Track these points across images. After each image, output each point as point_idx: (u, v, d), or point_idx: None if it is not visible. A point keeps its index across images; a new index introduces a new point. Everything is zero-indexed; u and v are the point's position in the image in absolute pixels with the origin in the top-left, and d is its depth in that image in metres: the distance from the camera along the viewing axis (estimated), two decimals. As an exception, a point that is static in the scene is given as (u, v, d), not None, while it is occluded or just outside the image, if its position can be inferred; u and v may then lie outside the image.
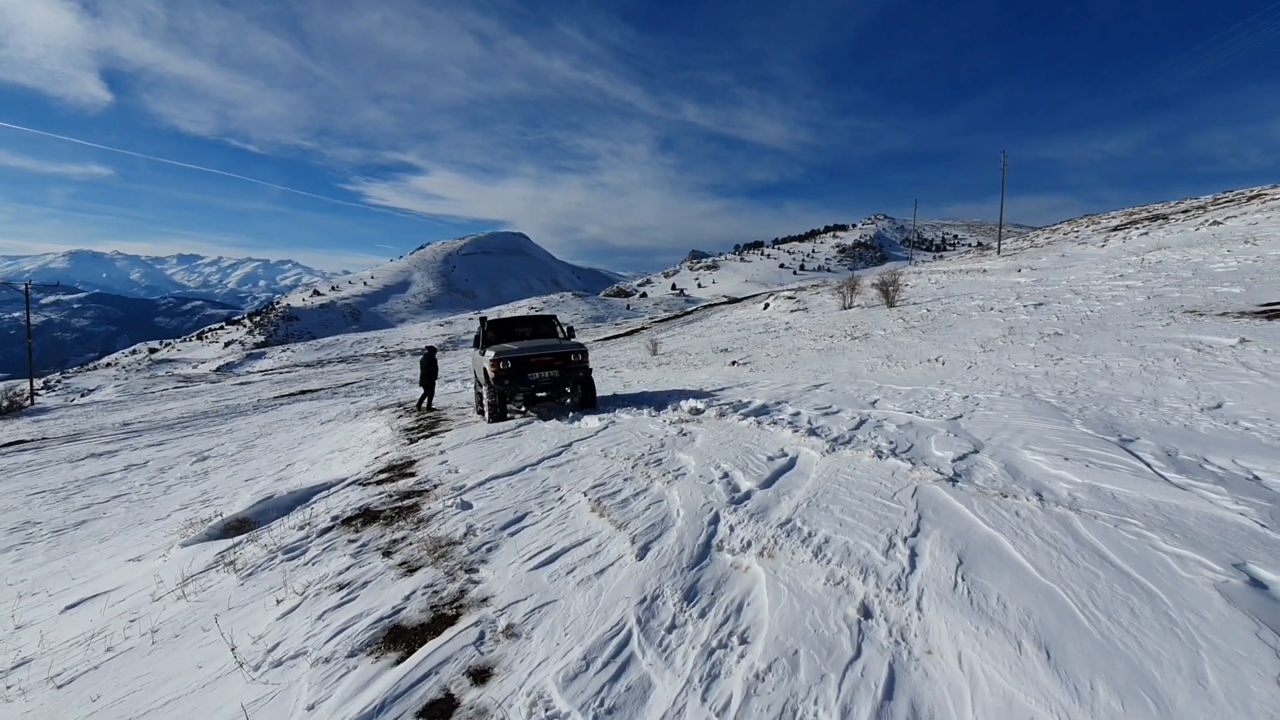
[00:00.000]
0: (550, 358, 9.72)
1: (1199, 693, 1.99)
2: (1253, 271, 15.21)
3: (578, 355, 9.96)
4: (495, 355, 9.43)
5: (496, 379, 9.37)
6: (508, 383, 9.38)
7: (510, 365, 9.43)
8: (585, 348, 10.21)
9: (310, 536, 5.62)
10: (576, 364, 10.00)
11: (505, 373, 9.44)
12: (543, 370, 9.63)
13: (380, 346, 66.54)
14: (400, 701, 2.76)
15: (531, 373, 9.52)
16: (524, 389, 9.57)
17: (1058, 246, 37.26)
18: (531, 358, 9.58)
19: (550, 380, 9.68)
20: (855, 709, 2.23)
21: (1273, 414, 5.34)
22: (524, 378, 9.47)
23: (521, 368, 9.51)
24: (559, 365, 9.78)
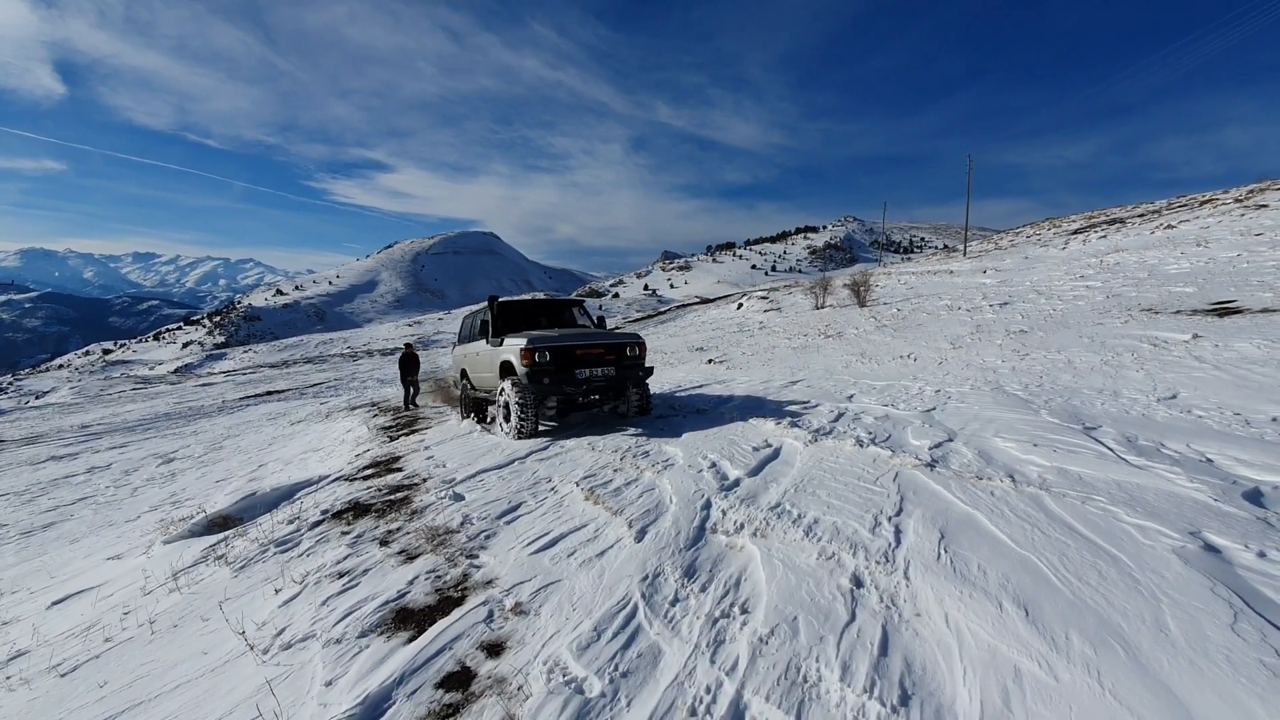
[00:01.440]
0: (602, 349, 7.51)
1: (1162, 639, 2.21)
2: (1204, 272, 15.98)
3: (635, 349, 7.83)
4: (529, 344, 7.09)
5: (532, 377, 7.03)
6: (547, 382, 6.99)
7: (549, 358, 7.14)
8: (643, 339, 8.02)
9: (301, 530, 5.64)
10: (634, 359, 7.83)
11: (542, 368, 7.08)
12: (594, 366, 7.40)
13: (347, 347, 65.34)
14: (418, 674, 2.86)
15: (580, 369, 7.26)
16: (570, 390, 7.24)
17: (1021, 249, 38.47)
18: (578, 349, 7.35)
19: (604, 380, 7.37)
20: (854, 664, 2.41)
21: (1223, 403, 5.70)
22: (569, 375, 7.19)
23: (566, 361, 7.27)
24: (613, 360, 7.57)
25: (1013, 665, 2.24)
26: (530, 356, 7.10)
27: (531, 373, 7.08)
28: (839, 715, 2.17)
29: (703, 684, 2.46)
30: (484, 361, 8.77)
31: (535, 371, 7.09)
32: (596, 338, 7.70)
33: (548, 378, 7.05)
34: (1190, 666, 2.05)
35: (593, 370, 7.34)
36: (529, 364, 7.08)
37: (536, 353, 7.12)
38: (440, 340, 55.24)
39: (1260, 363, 6.81)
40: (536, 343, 7.20)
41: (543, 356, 7.14)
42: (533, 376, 7.06)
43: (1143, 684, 2.02)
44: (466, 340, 10.30)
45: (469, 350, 9.85)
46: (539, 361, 7.11)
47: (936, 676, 2.29)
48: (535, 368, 7.09)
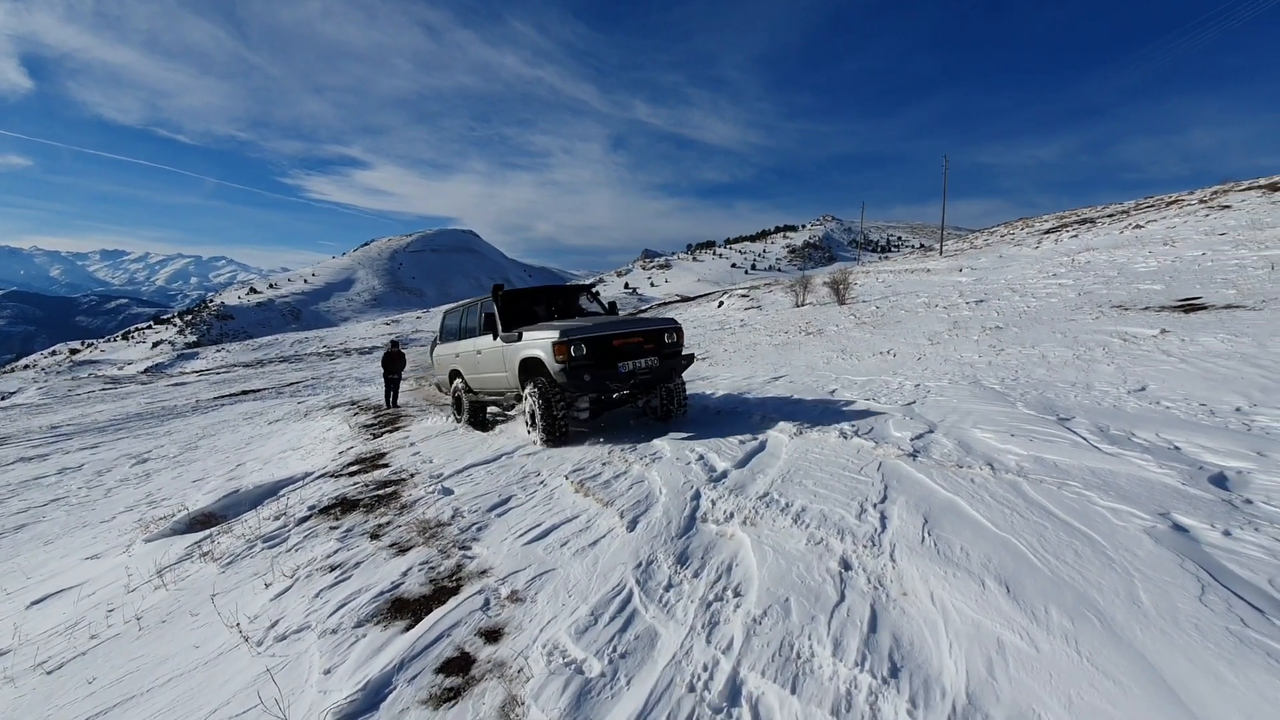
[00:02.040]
0: (641, 338, 6.73)
1: (1134, 610, 2.34)
2: (1171, 270, 16.47)
3: (673, 334, 7.08)
4: (563, 337, 6.29)
5: (570, 374, 6.24)
6: (588, 379, 6.24)
7: (587, 351, 6.34)
8: (680, 324, 7.27)
9: (289, 525, 5.62)
10: (674, 347, 7.07)
11: (581, 363, 6.30)
12: (635, 358, 6.61)
13: (323, 346, 64.41)
14: (417, 661, 2.90)
15: (623, 361, 6.49)
16: (614, 386, 6.43)
17: (995, 248, 39.22)
18: (616, 338, 6.55)
19: (648, 372, 6.62)
20: (845, 641, 2.50)
21: (1190, 395, 5.92)
22: (612, 369, 6.40)
23: (605, 354, 6.46)
24: (652, 350, 6.83)
25: (996, 637, 2.34)
26: (566, 351, 6.25)
27: (569, 369, 6.24)
28: (832, 687, 2.26)
29: (700, 662, 2.53)
30: (489, 360, 7.86)
31: (573, 368, 6.25)
32: (633, 325, 6.81)
33: (588, 374, 6.23)
34: (1162, 635, 2.18)
35: (635, 363, 6.51)
36: (565, 360, 6.25)
37: (572, 346, 6.26)
38: (419, 339, 54.65)
39: (1224, 356, 7.07)
40: (571, 335, 6.31)
41: (579, 350, 6.30)
42: (571, 374, 6.21)
43: (1118, 651, 2.13)
44: (456, 337, 9.25)
45: (464, 349, 8.76)
46: (576, 356, 6.28)
47: (924, 650, 2.38)
48: (573, 363, 6.26)
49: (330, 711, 2.55)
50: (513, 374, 7.23)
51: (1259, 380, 5.93)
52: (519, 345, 6.99)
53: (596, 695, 2.43)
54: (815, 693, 2.25)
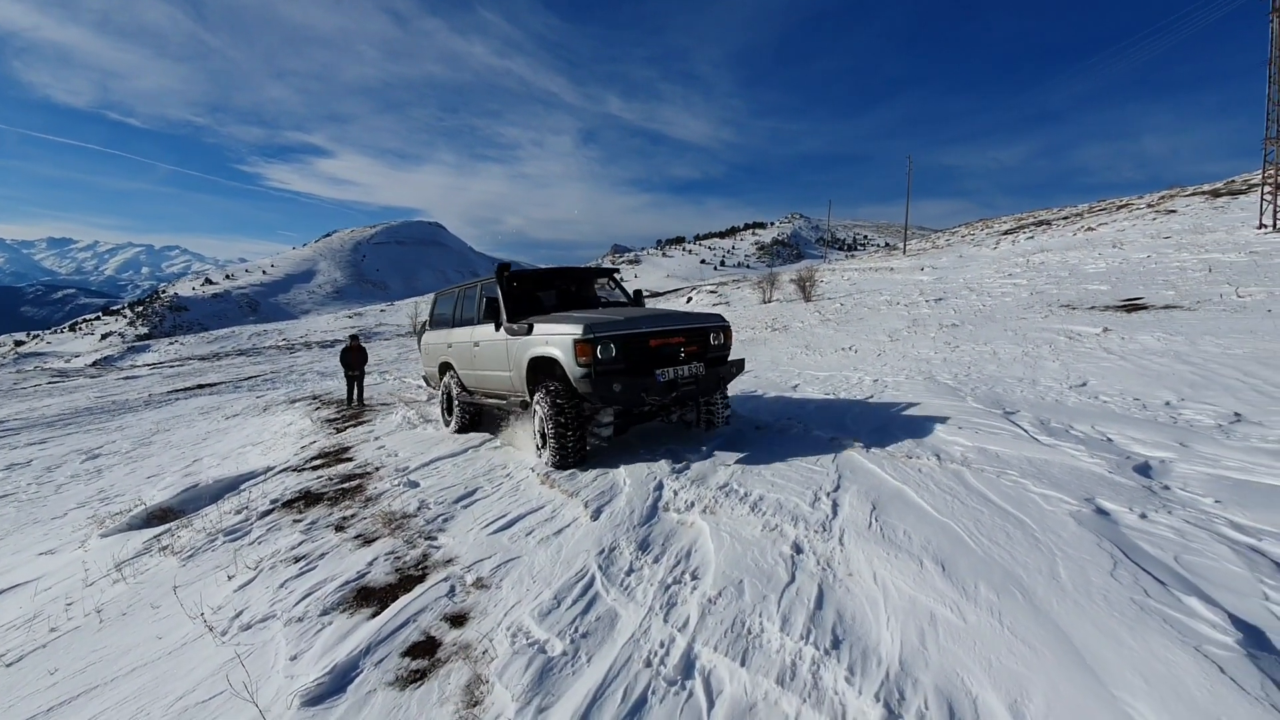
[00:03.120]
0: (682, 337, 5.45)
1: (1053, 585, 2.55)
2: (1118, 272, 17.23)
3: (719, 334, 5.81)
4: (588, 333, 4.98)
5: (596, 381, 4.93)
6: (619, 389, 4.93)
7: (617, 353, 5.07)
8: (729, 324, 6.02)
9: (250, 519, 5.60)
10: (720, 350, 5.84)
11: (610, 368, 5.04)
12: (676, 363, 5.33)
13: (283, 339, 62.80)
14: (384, 645, 2.98)
15: (662, 367, 5.21)
16: (653, 399, 5.13)
17: (956, 248, 40.33)
18: (653, 338, 5.29)
19: (692, 381, 5.31)
20: (793, 617, 2.67)
21: (1126, 390, 6.28)
22: (648, 377, 5.10)
23: (640, 357, 5.21)
24: (695, 352, 5.55)
25: (929, 611, 2.53)
26: (591, 351, 4.95)
27: (594, 375, 4.95)
28: (778, 659, 2.42)
29: (657, 640, 2.67)
30: (489, 355, 6.61)
31: (600, 373, 4.98)
32: (673, 322, 5.52)
33: (619, 383, 4.91)
34: (1075, 606, 2.39)
35: (677, 370, 5.22)
36: (589, 363, 4.94)
37: (599, 346, 4.97)
38: (383, 332, 53.76)
39: (1159, 354, 7.48)
40: (599, 331, 5.01)
41: (608, 351, 5.01)
42: (597, 381, 4.91)
43: (1036, 621, 2.34)
44: (449, 324, 8.01)
45: (458, 339, 7.52)
46: (603, 359, 4.99)
47: (864, 624, 2.56)
48: (599, 368, 4.98)
49: (297, 695, 2.61)
50: (518, 375, 5.96)
51: (1188, 376, 6.31)
52: (528, 341, 5.70)
53: (558, 672, 2.55)
54: (763, 664, 2.41)
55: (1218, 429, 4.59)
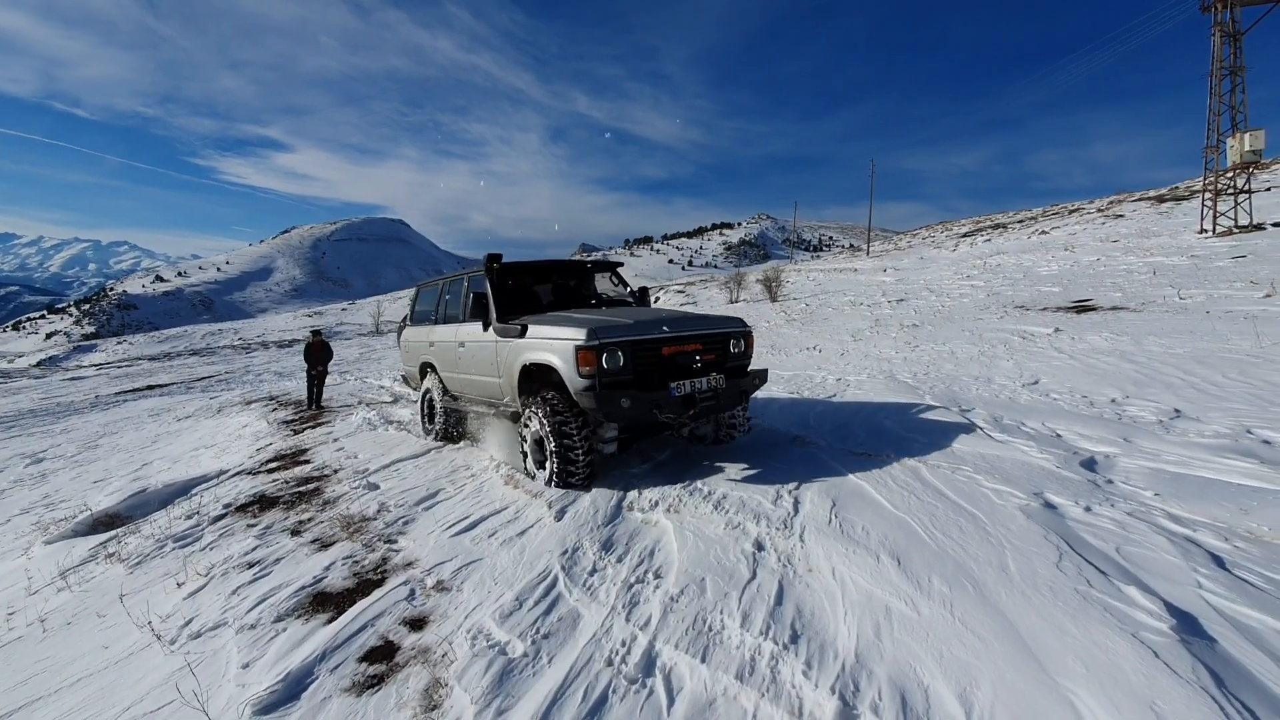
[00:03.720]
0: (699, 344, 4.83)
1: (1002, 576, 2.63)
2: (1070, 274, 17.86)
3: (740, 341, 5.15)
4: (592, 339, 4.36)
5: (602, 396, 4.28)
6: (627, 404, 4.27)
7: (626, 362, 4.44)
8: (750, 329, 5.36)
9: (202, 525, 5.42)
10: (740, 359, 5.18)
11: (618, 379, 4.43)
12: (692, 375, 4.69)
13: (239, 339, 60.75)
14: (340, 651, 2.91)
15: (676, 380, 4.56)
16: (668, 418, 4.52)
17: (917, 250, 41.30)
18: (667, 344, 4.66)
19: (711, 396, 4.65)
20: (753, 613, 2.70)
21: (1074, 387, 6.51)
22: (662, 390, 4.46)
23: (654, 367, 4.61)
24: (714, 362, 4.90)
25: (884, 605, 2.59)
26: (595, 360, 4.31)
27: (599, 388, 4.33)
28: (738, 655, 2.45)
29: (619, 639, 2.67)
30: (476, 358, 5.92)
31: (606, 386, 4.36)
32: (688, 326, 4.87)
33: (628, 397, 4.27)
34: (1022, 597, 2.47)
35: (694, 382, 4.58)
36: (593, 373, 4.32)
37: (606, 354, 4.34)
38: (344, 332, 52.33)
39: (1106, 353, 7.78)
40: (605, 336, 4.39)
41: (615, 360, 4.38)
42: (603, 395, 4.26)
43: (985, 612, 2.41)
44: (432, 320, 7.27)
45: (441, 338, 6.83)
46: (610, 368, 4.36)
47: (822, 618, 2.61)
48: (605, 379, 4.36)
49: (249, 704, 2.54)
50: (509, 382, 5.32)
51: (1133, 375, 6.57)
52: (520, 344, 5.07)
53: (519, 674, 2.53)
54: (723, 660, 2.43)
55: (1159, 425, 4.80)
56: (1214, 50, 21.44)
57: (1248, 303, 9.84)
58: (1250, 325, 7.98)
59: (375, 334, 47.67)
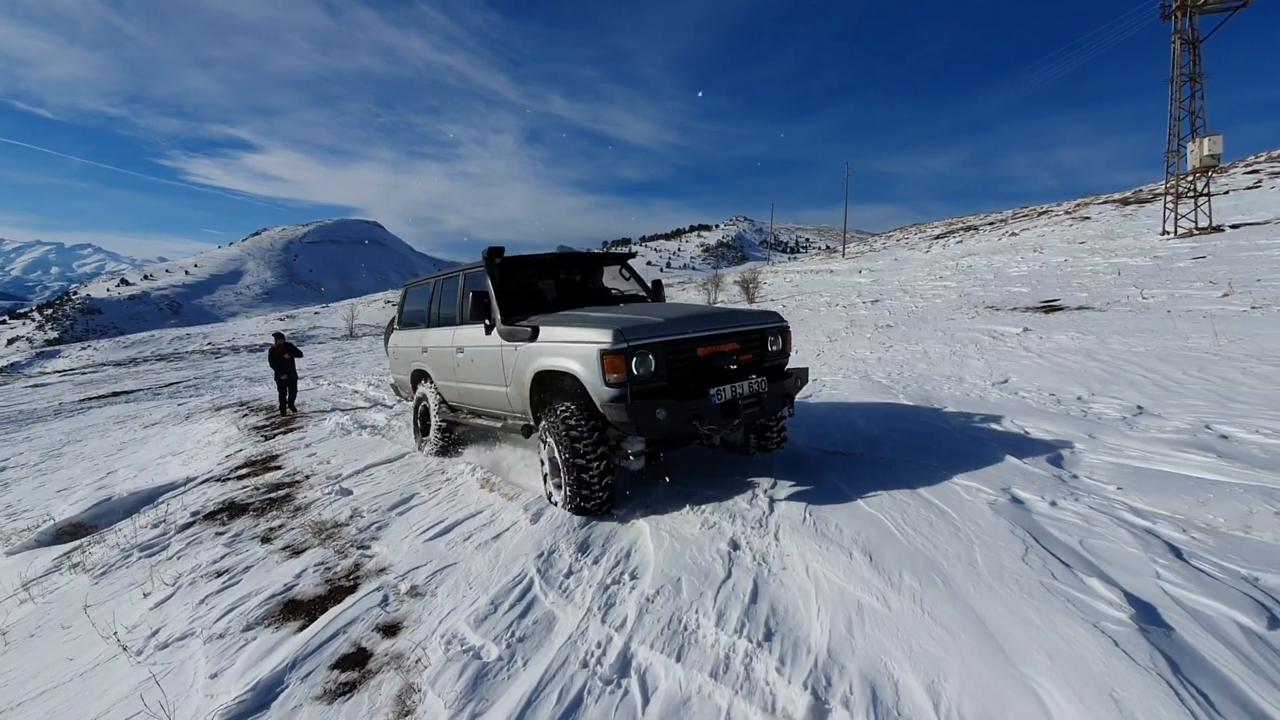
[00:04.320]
0: (737, 343, 4.26)
1: (970, 571, 2.68)
2: (1038, 275, 18.26)
3: (779, 340, 4.59)
4: (619, 341, 3.76)
5: (635, 407, 3.70)
6: (662, 416, 3.69)
7: (656, 366, 3.85)
8: (786, 324, 4.71)
9: (169, 533, 5.30)
10: (779, 359, 4.63)
11: (648, 385, 3.85)
12: (732, 379, 4.11)
13: (208, 343, 59.31)
14: (311, 659, 2.87)
15: (716, 385, 3.99)
16: (710, 430, 3.86)
17: (892, 251, 41.90)
18: (702, 344, 4.08)
19: (754, 402, 4.08)
20: (729, 612, 2.71)
21: (1042, 386, 6.65)
22: (701, 398, 3.88)
23: (691, 369, 4.05)
24: (752, 361, 4.37)
25: (856, 601, 2.62)
26: (624, 366, 3.73)
27: (630, 397, 3.77)
28: (713, 654, 2.46)
29: (594, 640, 2.67)
30: (478, 365, 5.30)
31: (639, 395, 3.80)
32: (721, 322, 4.30)
33: (664, 408, 3.69)
34: (989, 590, 2.52)
35: (736, 387, 4.02)
36: (622, 380, 3.75)
37: (636, 357, 3.76)
38: (317, 335, 51.40)
39: (1072, 352, 7.97)
40: (634, 337, 3.81)
41: (646, 365, 3.80)
42: (635, 407, 3.68)
43: (953, 606, 2.45)
44: (424, 322, 6.56)
45: (435, 343, 6.17)
46: (641, 374, 3.78)
47: (796, 616, 2.63)
48: (637, 386, 3.79)
49: (218, 713, 2.49)
50: (518, 391, 4.71)
51: (1098, 373, 6.73)
52: (532, 349, 4.45)
53: (493, 678, 2.52)
54: (698, 659, 2.44)
55: (1122, 421, 4.93)
56: (1174, 57, 22.11)
57: (1207, 302, 10.14)
58: (1209, 324, 8.23)
59: (349, 338, 46.99)
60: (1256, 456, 3.82)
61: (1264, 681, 1.88)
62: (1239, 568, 2.55)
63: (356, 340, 43.58)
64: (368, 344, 37.06)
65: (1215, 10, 21.45)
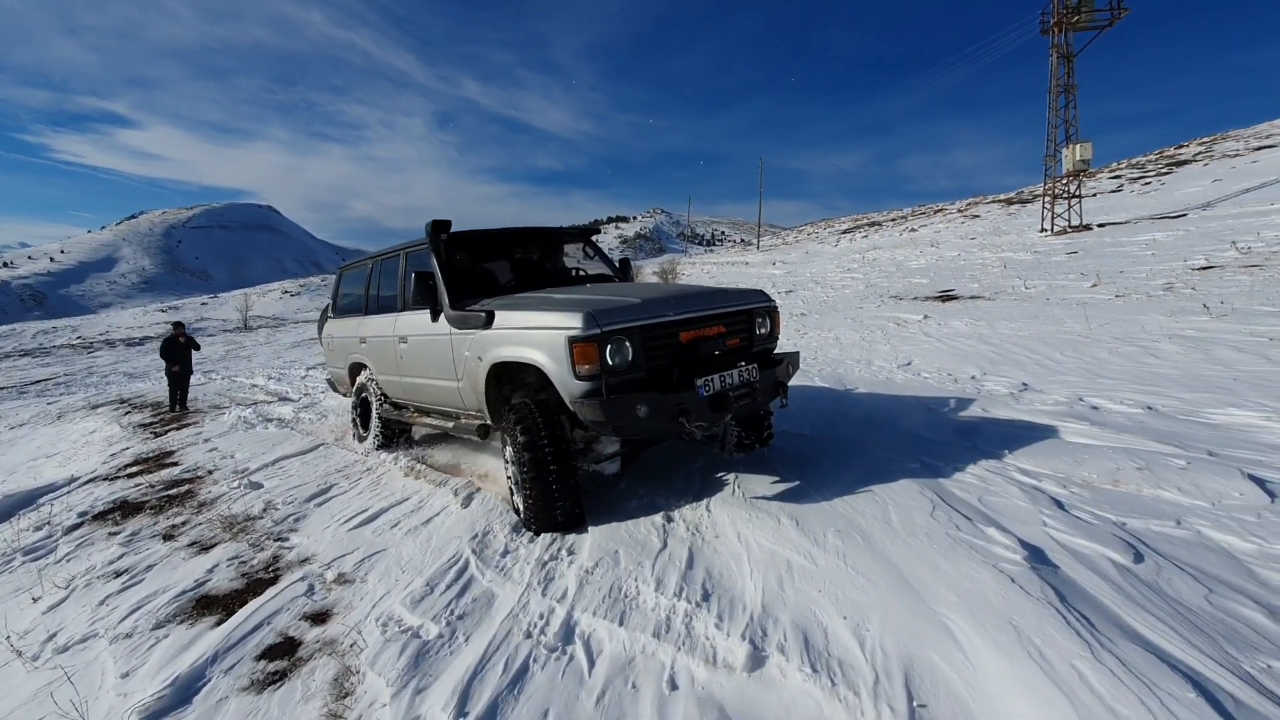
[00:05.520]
0: (722, 324, 3.77)
1: (886, 527, 2.92)
2: (936, 268, 19.60)
3: (767, 321, 4.12)
4: (591, 326, 3.20)
5: (611, 403, 3.18)
6: (644, 412, 3.18)
7: (634, 354, 3.33)
8: (775, 303, 4.24)
9: (55, 536, 4.85)
10: (767, 342, 4.17)
11: (625, 377, 3.33)
12: (720, 368, 3.57)
13: (78, 337, 53.42)
14: (234, 651, 2.73)
15: (703, 375, 3.44)
16: (696, 428, 3.41)
17: (804, 245, 43.65)
18: (684, 328, 3.56)
19: (746, 392, 3.59)
20: (667, 578, 2.81)
21: (941, 367, 7.20)
22: (687, 393, 3.35)
23: (673, 357, 3.53)
24: (738, 346, 3.91)
25: (786, 560, 2.79)
26: (597, 355, 3.20)
27: (605, 392, 3.24)
28: (654, 616, 2.55)
29: (536, 612, 2.70)
30: (424, 357, 4.74)
31: (615, 388, 3.29)
32: (704, 303, 3.76)
33: (645, 404, 3.20)
34: (904, 544, 2.75)
35: (724, 377, 3.51)
36: (595, 371, 3.22)
37: (611, 345, 3.25)
38: (206, 328, 47.31)
39: (967, 336, 8.65)
40: (608, 321, 3.27)
41: (623, 354, 3.30)
42: (611, 403, 3.18)
43: (872, 559, 2.66)
44: (361, 309, 5.93)
45: (375, 332, 5.55)
46: (618, 364, 3.27)
47: (730, 577, 2.77)
48: (613, 379, 3.27)
49: (135, 711, 2.33)
50: (472, 387, 4.16)
51: (989, 354, 7.36)
52: (488, 338, 3.89)
53: (435, 654, 2.50)
54: (640, 622, 2.52)
55: (1010, 396, 5.43)
56: (1052, 69, 24.22)
57: (1079, 292, 11.26)
58: (1081, 310, 9.15)
59: (244, 330, 43.88)
60: (1121, 423, 4.33)
61: (1132, 604, 2.17)
62: (1110, 515, 2.91)
63: (252, 332, 40.79)
64: (264, 336, 34.81)
65: (1086, 28, 23.65)
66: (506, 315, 3.80)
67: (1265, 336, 6.26)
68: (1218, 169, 27.18)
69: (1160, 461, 3.41)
